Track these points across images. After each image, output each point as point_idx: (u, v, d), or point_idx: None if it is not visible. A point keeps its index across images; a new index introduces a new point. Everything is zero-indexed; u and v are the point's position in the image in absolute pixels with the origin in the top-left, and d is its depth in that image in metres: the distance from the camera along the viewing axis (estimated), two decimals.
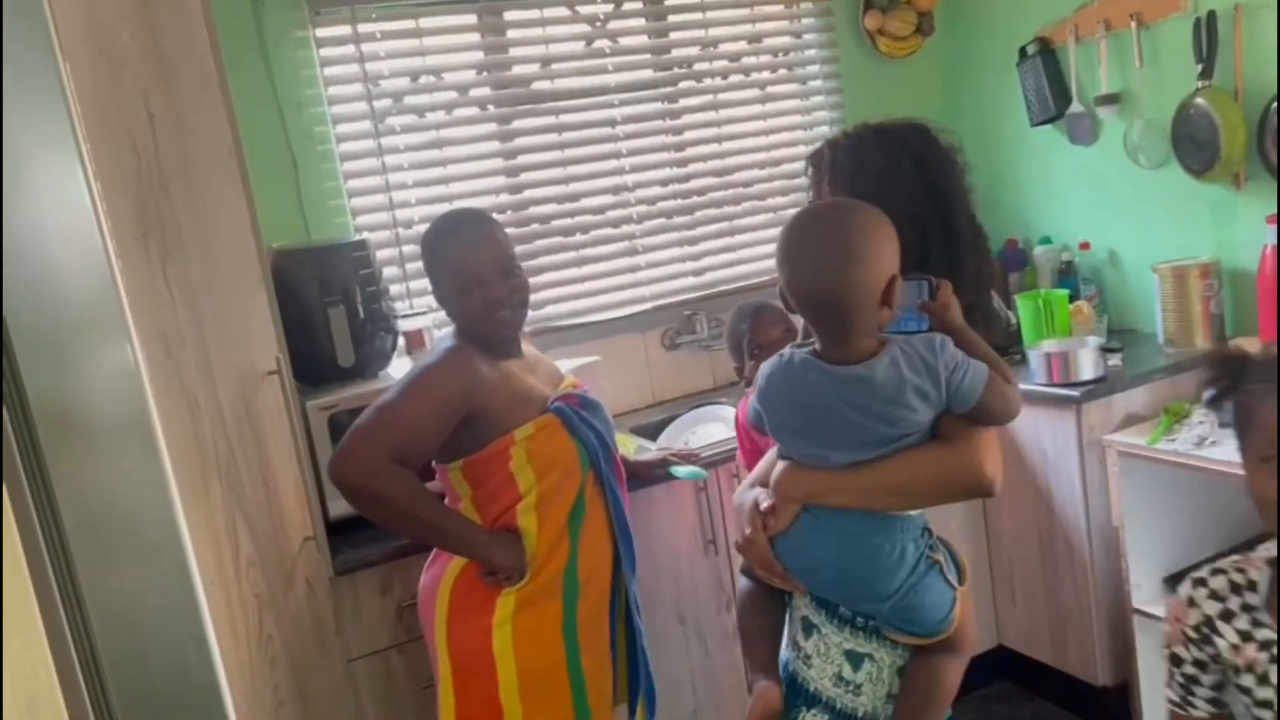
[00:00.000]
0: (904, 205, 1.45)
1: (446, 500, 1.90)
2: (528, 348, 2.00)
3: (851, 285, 1.33)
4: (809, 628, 1.48)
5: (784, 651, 1.54)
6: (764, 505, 1.46)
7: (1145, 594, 2.47)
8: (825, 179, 1.56)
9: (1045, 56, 2.98)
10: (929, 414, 1.38)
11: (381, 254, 2.62)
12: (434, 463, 1.88)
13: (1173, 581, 2.48)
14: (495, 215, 2.10)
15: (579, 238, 2.96)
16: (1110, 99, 2.84)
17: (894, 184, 1.46)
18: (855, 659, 1.44)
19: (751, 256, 3.17)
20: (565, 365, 2.16)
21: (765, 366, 1.44)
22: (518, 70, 2.85)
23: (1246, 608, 1.37)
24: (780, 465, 1.46)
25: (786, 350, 1.44)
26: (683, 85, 3.07)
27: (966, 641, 1.47)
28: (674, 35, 3.04)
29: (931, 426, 1.40)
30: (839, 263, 1.33)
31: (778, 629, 1.54)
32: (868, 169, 1.51)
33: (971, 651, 1.49)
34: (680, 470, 2.23)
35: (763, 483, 1.54)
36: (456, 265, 1.83)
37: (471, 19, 2.77)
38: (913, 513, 1.42)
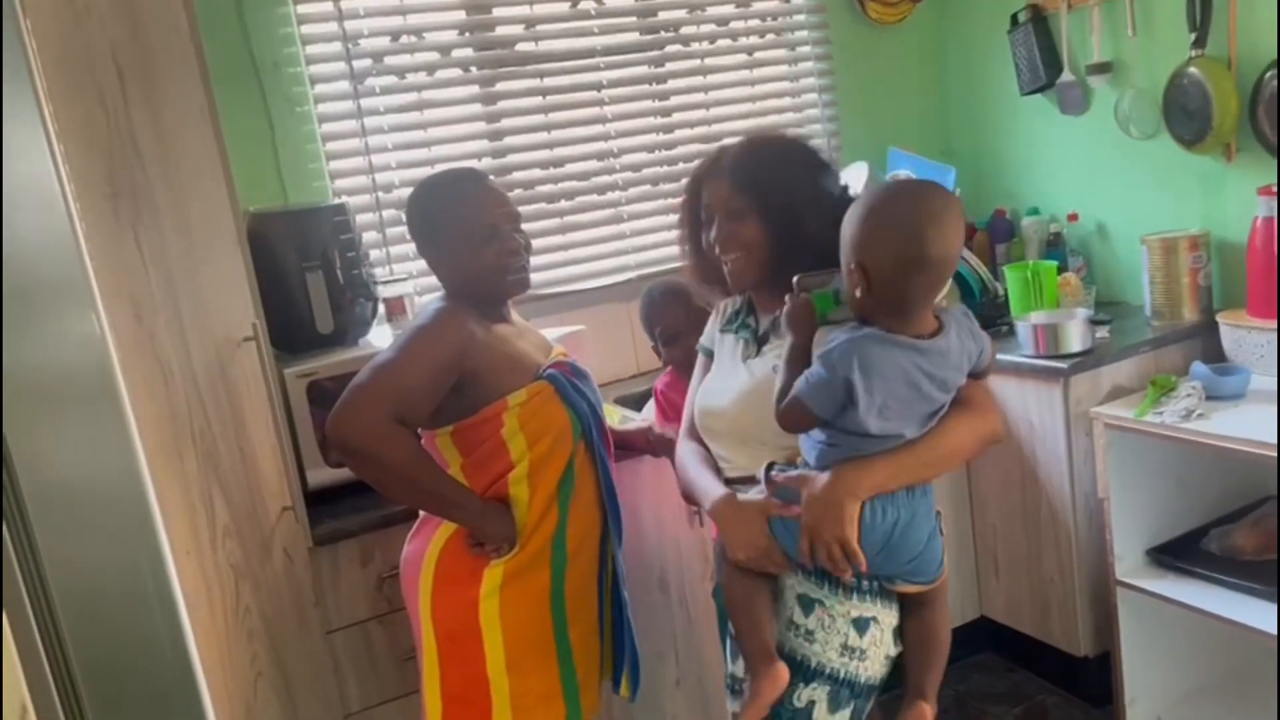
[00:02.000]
0: (832, 208, 1.55)
1: None
2: (515, 315, 1.97)
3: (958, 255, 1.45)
4: (808, 604, 1.51)
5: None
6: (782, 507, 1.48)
7: (1128, 566, 2.48)
8: (752, 180, 1.59)
9: (1037, 24, 2.94)
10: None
11: (361, 218, 2.56)
12: (421, 429, 1.84)
13: (1156, 554, 2.49)
14: None
15: (563, 204, 2.92)
16: (1102, 68, 2.80)
17: (824, 191, 1.61)
18: (862, 625, 1.50)
19: None
20: (550, 334, 2.13)
21: (845, 348, 1.39)
22: (501, 31, 2.79)
23: None
24: (823, 474, 1.44)
25: (855, 332, 1.41)
26: (670, 49, 3.01)
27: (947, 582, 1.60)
28: None
29: None
30: (960, 235, 1.43)
31: (774, 611, 1.55)
32: (809, 178, 1.62)
33: None
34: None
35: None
36: (472, 217, 1.79)
37: None
38: None
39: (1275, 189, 2.39)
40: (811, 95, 3.21)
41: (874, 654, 1.51)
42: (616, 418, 2.38)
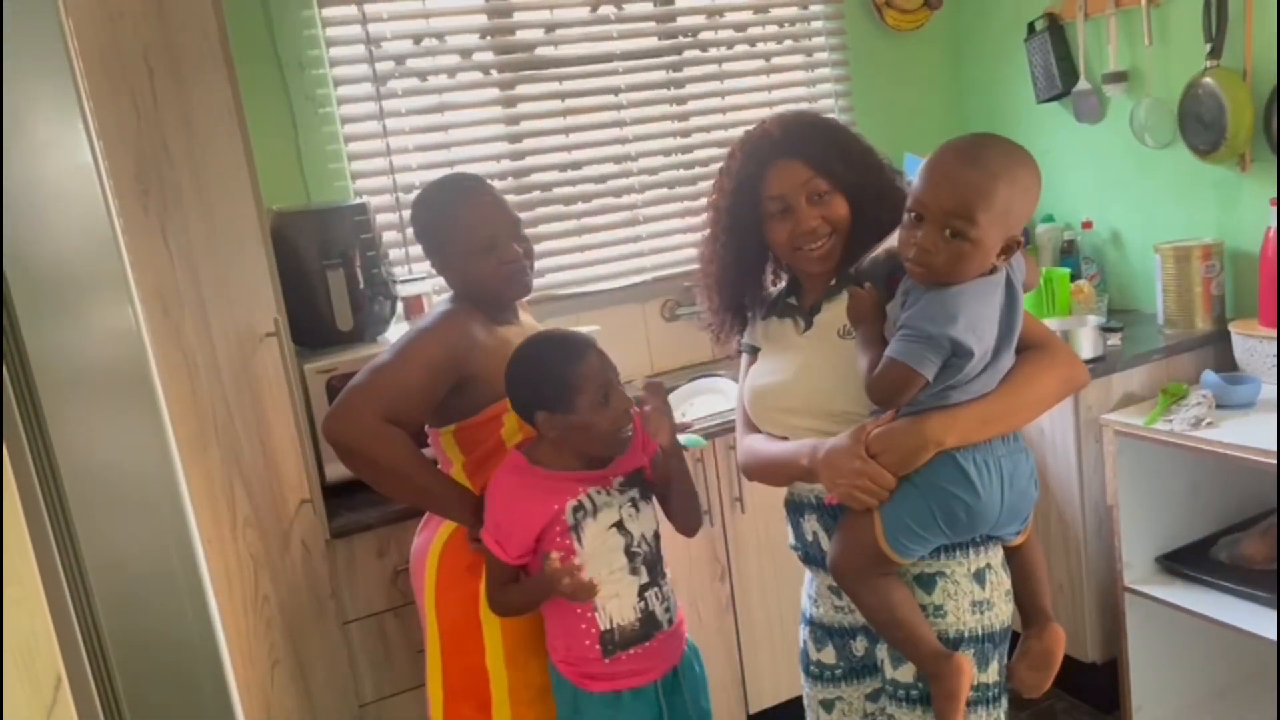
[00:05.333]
0: (884, 173, 1.63)
1: (439, 465, 1.90)
2: (525, 316, 1.99)
3: None
4: (929, 581, 1.50)
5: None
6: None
7: (1137, 573, 2.49)
8: (824, 156, 1.58)
9: (1053, 33, 2.95)
10: None
11: (381, 218, 2.60)
12: (427, 427, 1.88)
13: (1165, 561, 2.50)
14: (495, 182, 2.09)
15: (580, 206, 2.95)
16: (1118, 77, 2.82)
17: (876, 157, 1.66)
18: (980, 576, 1.51)
19: None
20: None
21: (946, 308, 1.35)
22: (521, 35, 2.83)
23: None
24: (910, 417, 1.40)
25: (937, 290, 1.37)
26: (688, 54, 3.04)
27: None
28: (680, 3, 3.01)
29: None
30: None
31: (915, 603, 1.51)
32: (860, 144, 1.65)
33: None
34: (681, 438, 2.23)
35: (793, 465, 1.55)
36: (471, 228, 1.81)
37: None
38: None
39: None
40: (828, 101, 3.23)
41: (997, 598, 1.51)
42: None
